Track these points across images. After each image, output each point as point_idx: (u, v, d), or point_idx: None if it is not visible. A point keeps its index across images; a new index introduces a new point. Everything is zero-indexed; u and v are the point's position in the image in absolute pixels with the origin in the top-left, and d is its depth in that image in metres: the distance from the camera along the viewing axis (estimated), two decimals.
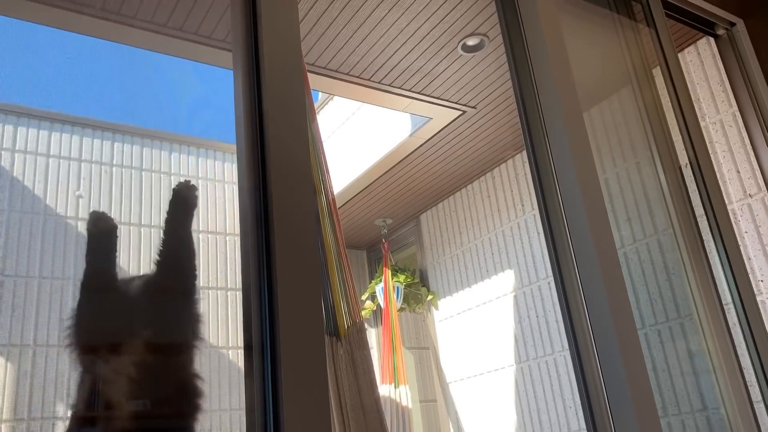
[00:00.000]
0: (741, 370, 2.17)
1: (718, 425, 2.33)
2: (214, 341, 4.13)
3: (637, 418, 1.39)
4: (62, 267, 3.72)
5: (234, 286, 4.31)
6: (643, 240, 2.75)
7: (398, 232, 4.69)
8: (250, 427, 1.11)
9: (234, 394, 4.07)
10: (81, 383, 1.65)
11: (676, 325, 2.51)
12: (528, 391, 3.46)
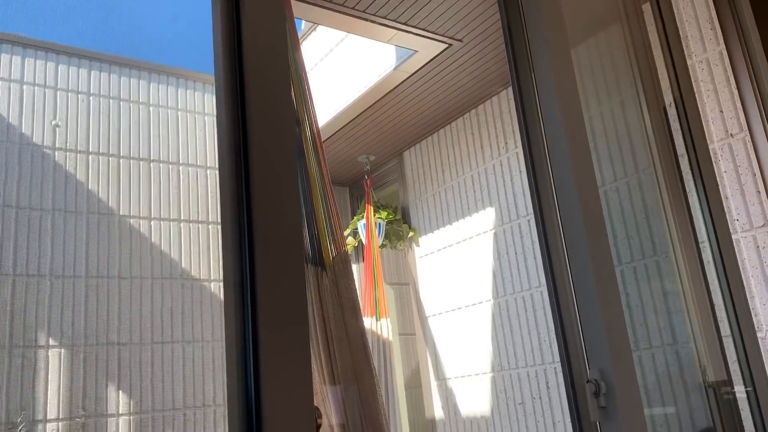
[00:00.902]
0: (712, 307, 2.23)
1: (687, 358, 2.41)
2: (196, 274, 4.16)
3: (611, 353, 1.42)
4: (40, 197, 3.67)
5: (215, 219, 4.30)
6: (623, 179, 2.77)
7: (381, 169, 4.68)
8: (229, 360, 1.11)
9: (217, 327, 4.12)
10: None
11: (652, 262, 2.56)
12: (504, 325, 3.54)
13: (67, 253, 3.70)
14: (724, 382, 2.25)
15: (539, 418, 3.29)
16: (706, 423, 2.20)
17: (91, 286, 3.75)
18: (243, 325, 1.12)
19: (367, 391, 2.87)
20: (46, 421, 3.44)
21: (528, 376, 3.38)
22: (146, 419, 3.70)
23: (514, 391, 3.45)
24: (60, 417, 3.48)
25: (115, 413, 3.63)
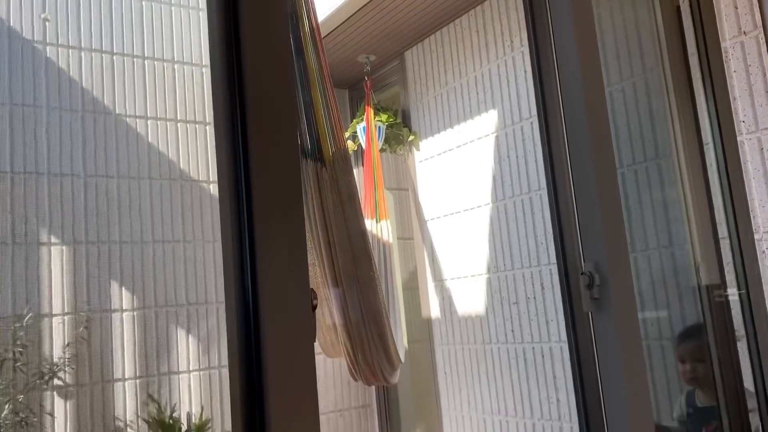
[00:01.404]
0: (711, 209, 2.22)
1: (682, 260, 2.44)
2: (195, 175, 4.14)
3: (607, 246, 1.43)
4: (33, 94, 3.60)
5: (212, 120, 4.23)
6: (630, 79, 2.70)
7: (382, 70, 4.56)
8: (226, 259, 1.11)
9: (217, 228, 4.14)
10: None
11: (654, 165, 2.54)
12: (502, 228, 3.56)
13: (64, 152, 3.68)
14: (718, 286, 2.28)
15: (533, 317, 3.37)
16: (697, 321, 2.25)
17: (90, 185, 3.74)
18: (238, 220, 1.11)
19: (368, 292, 2.93)
20: (51, 315, 3.53)
21: (523, 277, 3.43)
22: (150, 314, 3.79)
23: (509, 291, 3.51)
24: (65, 311, 3.56)
25: (119, 308, 3.71)
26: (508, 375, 3.52)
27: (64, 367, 3.47)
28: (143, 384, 3.70)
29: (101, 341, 3.61)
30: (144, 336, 3.75)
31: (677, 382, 2.29)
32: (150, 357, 3.74)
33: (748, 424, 1.85)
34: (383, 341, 2.83)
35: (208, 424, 3.60)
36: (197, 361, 3.88)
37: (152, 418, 3.54)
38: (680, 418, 2.09)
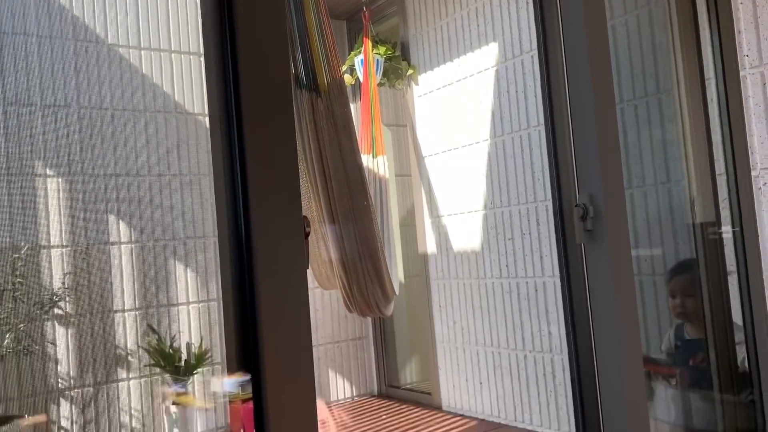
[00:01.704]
0: (710, 144, 2.21)
1: (678, 197, 2.43)
2: (190, 108, 4.09)
3: (602, 178, 1.42)
4: (23, 21, 3.52)
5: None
6: (633, 11, 2.63)
7: (380, 1, 4.44)
8: (218, 188, 1.10)
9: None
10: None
11: (654, 100, 2.50)
12: (500, 164, 3.55)
13: (56, 82, 3.61)
14: (712, 223, 2.28)
15: (527, 252, 3.40)
16: (688, 257, 2.27)
17: (84, 116, 3.69)
18: (230, 150, 1.09)
19: (364, 225, 2.94)
20: (50, 247, 3.55)
21: (519, 213, 3.44)
22: (148, 248, 3.82)
23: (505, 227, 3.53)
24: (63, 244, 3.58)
25: (117, 241, 3.74)
26: (502, 309, 3.58)
27: (64, 298, 3.52)
28: (143, 315, 3.76)
29: (100, 273, 3.65)
30: (142, 268, 3.79)
31: (668, 317, 2.33)
32: (149, 289, 3.79)
33: (734, 355, 1.89)
34: (378, 274, 2.86)
35: (208, 354, 3.68)
36: (196, 293, 3.94)
37: (152, 347, 3.62)
38: (668, 350, 2.13)
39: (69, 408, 3.50)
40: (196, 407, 3.65)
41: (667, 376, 2.16)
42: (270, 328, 1.01)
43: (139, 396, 3.69)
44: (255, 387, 1.02)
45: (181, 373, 3.57)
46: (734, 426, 1.93)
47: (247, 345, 1.03)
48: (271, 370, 1.01)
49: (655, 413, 2.18)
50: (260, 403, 1.01)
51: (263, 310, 0.98)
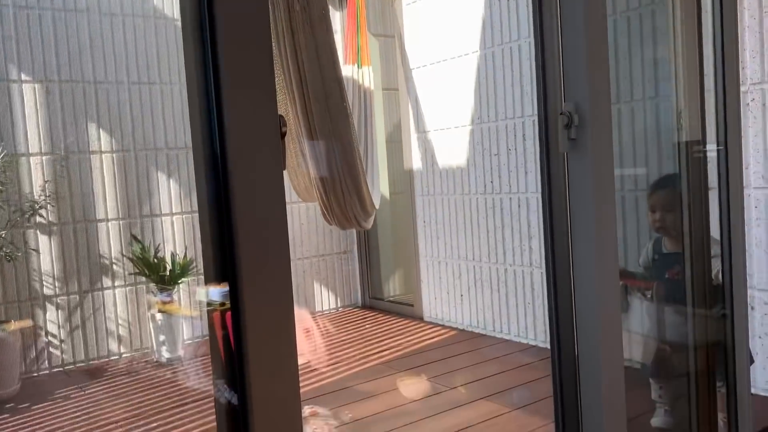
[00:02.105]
0: (701, 57, 2.16)
1: (666, 111, 2.41)
2: (169, 13, 3.93)
3: (589, 87, 1.39)
4: None
5: None
6: None
7: None
8: (191, 96, 1.05)
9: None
10: None
11: (647, 11, 2.43)
12: (489, 77, 3.48)
13: None
14: (698, 142, 2.27)
15: (512, 168, 3.39)
16: (670, 172, 2.27)
17: (58, 19, 3.55)
18: (202, 49, 1.04)
19: (343, 140, 2.90)
20: (29, 154, 3.48)
21: (506, 128, 3.41)
22: (129, 157, 3.77)
23: (491, 142, 3.50)
24: (42, 151, 3.52)
25: (98, 150, 3.68)
26: (485, 224, 3.61)
27: (46, 206, 3.49)
28: (126, 225, 3.76)
29: (81, 182, 3.61)
30: (124, 178, 3.75)
31: (648, 233, 2.35)
32: (132, 199, 3.77)
33: (709, 269, 1.92)
34: (357, 187, 2.85)
35: (192, 264, 3.71)
36: (179, 204, 3.92)
37: (136, 257, 3.63)
38: (645, 264, 2.17)
39: (55, 314, 3.54)
40: (182, 315, 3.71)
41: (642, 290, 2.20)
42: (246, 229, 0.99)
43: (124, 304, 3.74)
44: (232, 295, 1.01)
45: (166, 283, 3.61)
46: (704, 339, 1.99)
47: (224, 251, 1.01)
48: (248, 275, 1.00)
49: (630, 325, 2.24)
50: (238, 312, 1.01)
51: (238, 213, 0.97)
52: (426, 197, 4.03)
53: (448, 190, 3.84)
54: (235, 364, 1.01)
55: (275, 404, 1.01)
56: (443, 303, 3.97)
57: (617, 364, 1.47)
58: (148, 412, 2.81)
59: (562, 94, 1.47)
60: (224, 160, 0.99)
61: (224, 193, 1.00)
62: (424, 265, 4.10)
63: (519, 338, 3.48)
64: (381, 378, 3.07)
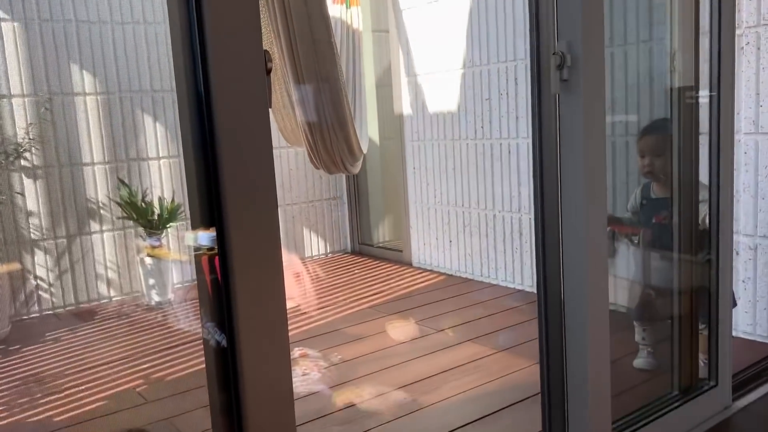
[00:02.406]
0: (697, 1, 2.12)
1: (660, 55, 2.37)
2: None
3: (583, 26, 1.35)
4: None
5: None
6: None
7: None
8: (173, 25, 1.01)
9: None
10: None
11: None
12: (481, 18, 3.40)
13: None
14: (690, 87, 2.24)
15: (503, 114, 3.36)
16: (661, 117, 2.25)
17: None
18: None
19: (332, 92, 2.85)
20: (10, 96, 3.41)
21: (498, 72, 3.36)
22: (114, 99, 3.69)
23: (483, 87, 3.46)
24: (24, 93, 3.44)
25: (81, 92, 3.60)
26: (474, 170, 3.60)
27: (30, 149, 3.43)
28: (113, 169, 3.71)
29: (66, 124, 3.54)
30: (110, 121, 3.69)
31: (637, 179, 2.35)
32: (118, 142, 3.71)
33: (697, 214, 1.93)
34: (344, 131, 2.81)
35: (180, 209, 3.69)
36: (166, 148, 3.87)
37: (124, 201, 3.61)
38: (633, 209, 2.17)
39: (43, 258, 3.54)
40: (171, 260, 3.72)
41: (630, 235, 2.21)
42: (231, 171, 0.98)
43: (113, 248, 3.73)
44: (219, 239, 1.00)
45: (154, 227, 3.59)
46: (689, 283, 2.02)
47: (210, 195, 1.00)
48: (234, 217, 0.99)
49: (616, 270, 2.26)
50: (225, 256, 1.00)
51: (223, 150, 0.95)
52: (416, 143, 4.00)
53: (438, 136, 3.81)
54: (223, 307, 1.01)
55: (263, 345, 1.02)
56: (432, 248, 4.00)
57: (602, 308, 1.48)
58: (139, 353, 2.84)
59: (555, 34, 1.43)
60: (208, 97, 0.97)
61: (209, 134, 0.98)
62: (414, 211, 4.10)
63: (506, 283, 3.52)
64: (370, 321, 3.10)
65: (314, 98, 2.79)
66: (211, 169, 0.99)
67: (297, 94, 2.83)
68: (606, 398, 1.50)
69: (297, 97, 2.85)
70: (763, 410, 1.88)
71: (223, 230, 0.98)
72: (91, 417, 2.24)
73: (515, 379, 2.34)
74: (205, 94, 0.97)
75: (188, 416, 2.19)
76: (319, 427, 2.04)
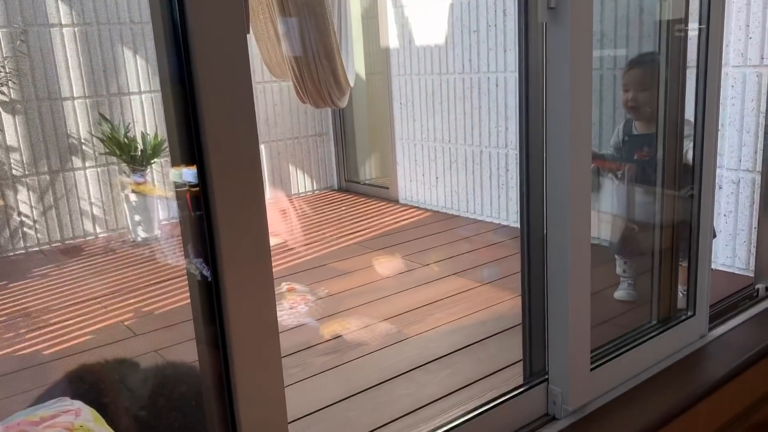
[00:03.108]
0: None
1: None
2: None
3: None
4: None
5: None
6: None
7: None
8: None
9: None
10: None
11: None
12: None
13: None
14: (680, 20, 2.20)
15: (491, 46, 3.30)
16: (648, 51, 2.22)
17: None
18: None
19: (319, 24, 2.77)
20: None
21: (486, 3, 3.28)
22: (91, 31, 3.58)
23: (470, 18, 3.38)
24: None
25: (57, 23, 3.48)
26: (462, 105, 3.56)
27: (7, 83, 3.35)
28: (93, 104, 3.64)
29: (43, 58, 3.44)
30: (89, 54, 3.59)
31: (624, 114, 2.34)
32: (98, 76, 3.62)
33: (681, 150, 1.93)
34: (331, 63, 2.76)
35: (164, 144, 3.64)
36: (148, 82, 3.79)
37: (106, 136, 3.55)
38: (616, 145, 2.17)
39: (26, 194, 3.50)
40: (156, 196, 3.70)
41: (614, 171, 2.22)
42: (209, 100, 0.96)
43: (97, 185, 3.70)
44: (200, 174, 0.99)
45: (138, 163, 3.56)
46: (671, 217, 2.04)
47: (190, 129, 0.98)
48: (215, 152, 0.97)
49: (599, 205, 2.28)
50: (206, 191, 0.99)
51: (200, 79, 0.93)
52: (402, 77, 3.94)
53: (425, 70, 3.75)
54: (206, 242, 1.01)
55: (247, 280, 1.02)
56: (418, 185, 4.00)
57: (584, 242, 1.50)
58: (126, 288, 2.86)
59: None
60: (184, 25, 0.94)
61: (186, 64, 0.96)
62: (400, 148, 4.08)
63: (492, 219, 3.54)
64: (356, 257, 3.13)
65: (300, 30, 2.72)
66: (190, 102, 0.97)
67: (283, 26, 2.76)
68: (585, 328, 1.53)
69: (283, 30, 2.78)
70: (736, 339, 1.94)
71: (204, 165, 0.97)
72: (80, 350, 2.27)
73: (498, 310, 2.39)
74: (181, 22, 0.94)
75: (175, 348, 2.23)
76: (306, 357, 2.09)
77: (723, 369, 1.77)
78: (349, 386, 1.88)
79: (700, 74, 1.95)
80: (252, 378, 1.02)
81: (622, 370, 1.69)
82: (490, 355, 2.04)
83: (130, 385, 1.32)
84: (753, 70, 2.39)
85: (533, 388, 1.54)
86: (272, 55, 3.04)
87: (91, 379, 1.29)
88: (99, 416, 0.93)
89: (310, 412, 1.75)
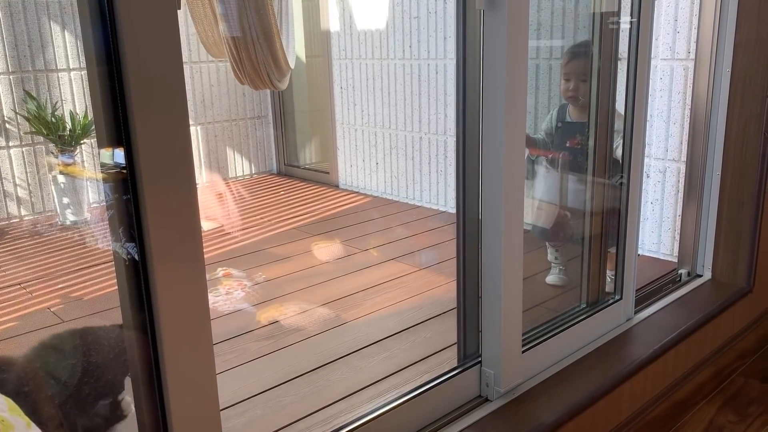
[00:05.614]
0: None
1: None
2: None
3: None
4: None
5: None
6: None
7: None
8: None
9: None
10: None
11: None
12: None
13: None
14: (613, 13, 2.26)
15: (431, 33, 3.32)
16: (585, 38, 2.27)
17: None
18: None
19: (258, 4, 2.70)
20: None
21: None
22: (15, 2, 3.40)
23: (411, 4, 3.38)
24: None
25: None
26: (402, 91, 3.57)
27: None
28: (18, 80, 3.47)
29: None
30: (12, 27, 3.41)
31: (559, 101, 2.39)
32: (21, 51, 3.45)
33: (611, 141, 1.99)
34: (270, 44, 2.71)
35: (93, 125, 3.51)
36: (77, 59, 3.63)
37: (32, 115, 3.39)
38: (548, 130, 2.22)
39: None
40: (86, 178, 3.57)
41: (548, 158, 2.27)
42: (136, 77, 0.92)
43: (22, 165, 3.54)
44: (128, 156, 0.95)
45: (66, 143, 3.41)
46: (601, 205, 2.10)
47: (117, 109, 0.94)
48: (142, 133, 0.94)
49: (532, 192, 2.33)
50: (134, 174, 0.96)
51: (127, 55, 0.89)
52: (343, 61, 3.91)
53: (366, 55, 3.74)
54: (134, 226, 0.97)
55: (176, 265, 0.99)
56: (358, 170, 3.99)
57: (517, 228, 1.53)
58: (53, 273, 2.75)
59: None
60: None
61: (112, 39, 0.92)
62: (341, 132, 4.06)
63: (431, 204, 3.58)
64: (295, 242, 3.11)
65: (238, 10, 2.66)
66: (117, 81, 0.93)
67: (221, 6, 2.68)
68: (517, 311, 1.57)
69: (221, 10, 2.71)
70: (660, 320, 2.03)
71: (131, 146, 0.94)
72: (4, 338, 2.18)
73: (435, 294, 2.42)
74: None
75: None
76: (241, 342, 2.07)
77: (647, 350, 1.85)
78: (285, 372, 1.87)
79: (630, 66, 2.01)
80: (182, 364, 1.00)
81: (553, 352, 1.74)
82: (426, 338, 2.07)
83: (51, 367, 1.28)
84: (680, 63, 2.48)
85: (467, 371, 1.57)
86: (209, 34, 2.96)
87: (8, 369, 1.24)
88: (15, 405, 0.90)
89: (244, 399, 1.73)
